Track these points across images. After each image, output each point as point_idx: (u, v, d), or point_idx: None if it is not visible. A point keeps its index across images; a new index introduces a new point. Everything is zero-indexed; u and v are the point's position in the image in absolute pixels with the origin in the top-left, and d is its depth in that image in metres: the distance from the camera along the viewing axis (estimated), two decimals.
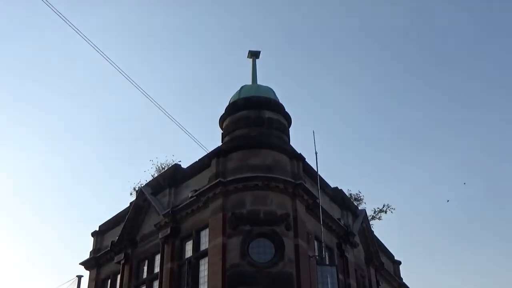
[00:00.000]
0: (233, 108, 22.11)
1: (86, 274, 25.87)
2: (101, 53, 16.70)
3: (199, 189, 20.00)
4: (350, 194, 28.67)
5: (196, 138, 21.51)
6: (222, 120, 22.37)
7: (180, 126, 19.53)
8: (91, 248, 26.47)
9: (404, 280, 30.92)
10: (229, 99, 23.00)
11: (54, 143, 65.41)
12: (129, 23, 66.99)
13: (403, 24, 66.56)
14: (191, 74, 68.08)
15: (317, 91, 66.75)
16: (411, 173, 63.97)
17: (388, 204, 31.01)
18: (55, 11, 15.21)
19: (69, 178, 63.58)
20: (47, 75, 65.18)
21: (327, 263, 20.59)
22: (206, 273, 18.49)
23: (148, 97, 18.69)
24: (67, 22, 15.54)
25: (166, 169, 24.71)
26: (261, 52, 24.94)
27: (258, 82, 24.01)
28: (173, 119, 19.25)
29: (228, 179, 19.27)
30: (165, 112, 19.51)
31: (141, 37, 67.22)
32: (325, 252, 20.32)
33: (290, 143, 21.68)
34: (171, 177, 22.26)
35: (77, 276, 24.43)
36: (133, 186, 27.37)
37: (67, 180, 64.13)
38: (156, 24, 67.60)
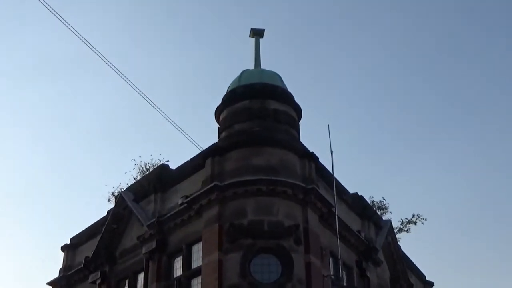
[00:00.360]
0: (232, 97, 22.12)
1: None
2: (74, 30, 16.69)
3: (191, 194, 19.96)
4: (373, 202, 28.46)
5: (187, 133, 21.19)
6: (218, 111, 22.38)
7: (167, 118, 19.77)
8: (60, 265, 26.45)
9: None
10: (227, 87, 23.00)
11: (18, 139, 65.03)
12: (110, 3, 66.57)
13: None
14: (181, 56, 67.26)
15: (333, 77, 66.26)
16: (446, 177, 63.44)
17: (418, 214, 30.62)
18: (45, 4, 15.98)
19: (34, 181, 63.10)
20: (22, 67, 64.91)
21: (345, 284, 20.74)
22: None
23: (128, 81, 18.94)
24: (54, 12, 16.29)
25: (151, 170, 24.76)
26: (265, 31, 25.02)
27: (262, 66, 24.05)
28: (158, 110, 19.53)
29: (226, 182, 19.25)
30: (149, 100, 19.56)
31: (122, 17, 66.87)
32: (342, 271, 20.41)
33: (300, 140, 21.67)
34: (157, 180, 22.23)
35: None
36: (111, 191, 27.12)
37: (32, 184, 63.74)
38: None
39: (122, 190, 24.06)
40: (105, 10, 64.93)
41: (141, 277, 21.16)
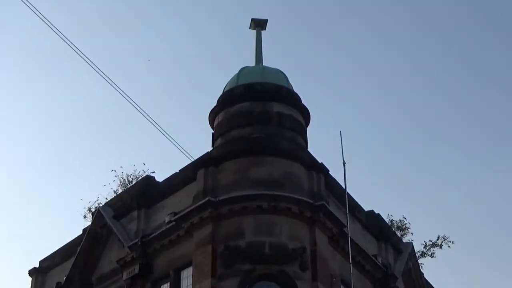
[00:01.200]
0: (229, 98, 22.05)
1: None
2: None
3: (180, 211, 19.89)
4: (391, 221, 28.61)
5: (175, 139, 21.47)
6: (213, 115, 22.31)
7: (153, 122, 20.25)
8: None
9: None
10: (224, 86, 22.93)
11: None
12: None
13: None
14: (169, 50, 66.57)
15: (345, 76, 65.49)
16: (476, 194, 63.23)
17: (444, 236, 30.78)
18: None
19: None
20: None
21: None
22: None
23: (110, 81, 19.28)
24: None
25: (134, 183, 24.83)
26: (268, 21, 25.14)
27: (265, 63, 23.99)
28: (142, 112, 19.97)
29: (221, 198, 19.16)
30: (132, 101, 19.83)
31: (105, 10, 66.62)
32: None
33: (308, 149, 21.57)
34: (141, 194, 22.21)
35: None
36: (87, 206, 27.18)
37: None
38: None
39: (100, 205, 24.10)
40: (87, 2, 65.02)
41: None
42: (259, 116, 21.20)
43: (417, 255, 26.59)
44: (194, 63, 64.56)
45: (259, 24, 24.86)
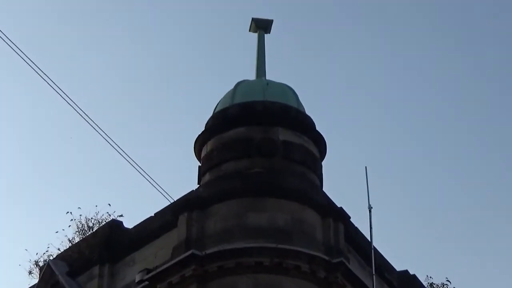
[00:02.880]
0: (221, 122, 21.33)
1: None
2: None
3: (155, 268, 19.07)
4: (431, 284, 27.31)
5: (149, 174, 19.78)
6: (200, 143, 21.52)
7: (120, 151, 18.52)
8: None
9: None
10: (215, 106, 22.32)
11: None
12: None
13: None
14: (143, 55, 65.50)
15: (373, 94, 64.05)
16: None
17: None
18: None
19: None
20: None
21: None
22: None
23: (69, 100, 17.46)
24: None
25: (96, 229, 23.81)
26: (273, 22, 24.78)
27: (268, 76, 23.33)
28: (107, 138, 17.96)
29: (208, 251, 18.34)
30: (94, 125, 17.71)
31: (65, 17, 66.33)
32: None
33: (324, 189, 21.02)
34: (105, 245, 21.41)
35: None
36: (34, 258, 25.70)
37: None
38: None
39: (51, 258, 23.14)
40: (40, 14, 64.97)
41: None
42: (260, 145, 20.43)
43: None
44: (176, 75, 61.86)
45: (261, 26, 24.52)
